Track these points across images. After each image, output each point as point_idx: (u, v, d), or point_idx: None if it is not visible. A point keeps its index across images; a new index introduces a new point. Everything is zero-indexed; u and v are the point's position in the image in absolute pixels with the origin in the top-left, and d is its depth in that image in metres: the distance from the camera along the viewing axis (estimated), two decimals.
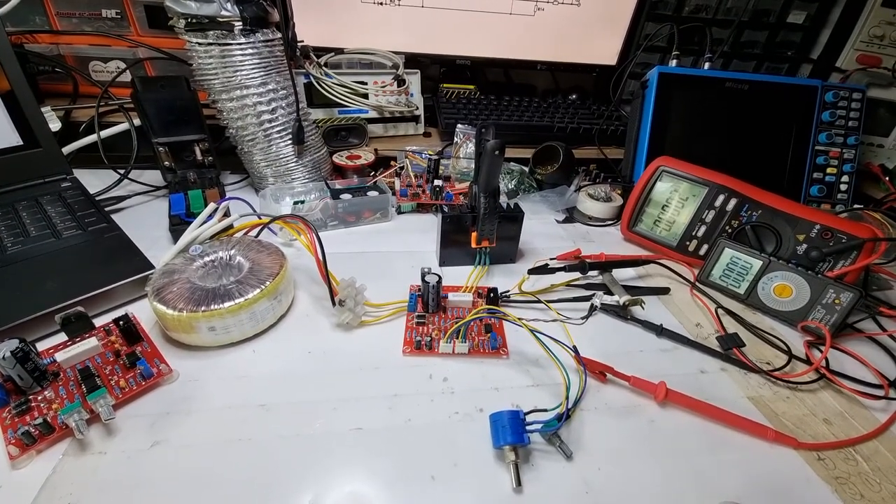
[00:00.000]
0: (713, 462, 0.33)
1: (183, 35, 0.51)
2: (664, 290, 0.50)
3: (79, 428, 0.29)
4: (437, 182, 0.61)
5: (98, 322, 0.38)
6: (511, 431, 0.31)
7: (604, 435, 0.34)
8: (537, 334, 0.36)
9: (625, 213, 0.58)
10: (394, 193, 0.61)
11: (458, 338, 0.39)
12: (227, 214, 0.51)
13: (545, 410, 0.33)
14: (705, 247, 0.54)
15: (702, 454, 0.33)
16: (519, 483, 0.29)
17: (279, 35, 0.55)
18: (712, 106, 0.66)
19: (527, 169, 0.70)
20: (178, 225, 0.50)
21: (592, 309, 0.44)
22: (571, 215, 0.65)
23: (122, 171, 0.61)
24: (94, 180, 0.60)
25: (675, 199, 0.55)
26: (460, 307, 0.44)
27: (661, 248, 0.56)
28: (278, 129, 0.57)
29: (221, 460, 0.30)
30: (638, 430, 0.34)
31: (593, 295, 0.46)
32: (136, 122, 0.61)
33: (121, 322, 0.36)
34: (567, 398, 0.33)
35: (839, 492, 0.31)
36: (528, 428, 0.32)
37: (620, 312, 0.45)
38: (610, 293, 0.47)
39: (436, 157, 0.63)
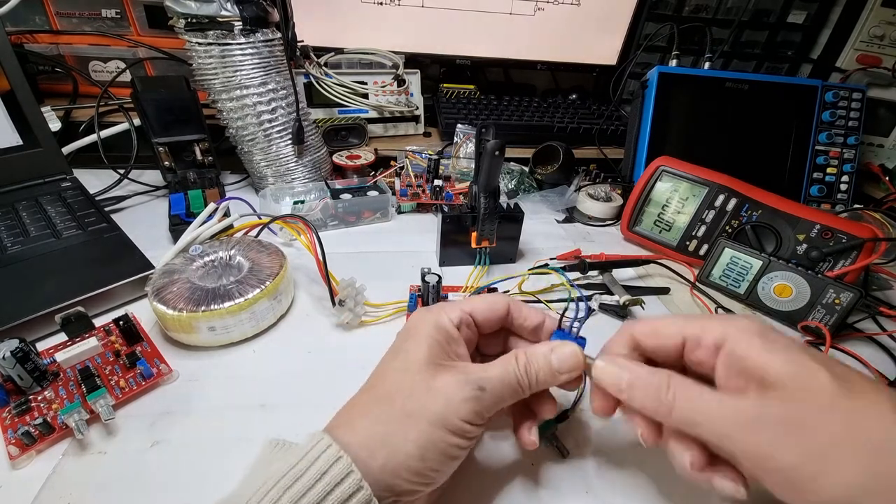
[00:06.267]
0: None
1: (183, 35, 0.51)
2: (664, 290, 0.50)
3: (79, 428, 0.29)
4: (437, 182, 0.61)
5: (98, 322, 0.38)
6: None
7: (603, 435, 0.34)
8: None
9: (625, 213, 0.58)
10: (394, 193, 0.61)
11: None
12: (227, 214, 0.51)
13: None
14: (705, 247, 0.54)
15: None
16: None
17: (279, 35, 0.55)
18: (712, 106, 0.66)
19: (527, 169, 0.70)
20: (178, 225, 0.50)
21: (590, 311, 0.44)
22: (571, 215, 0.65)
23: (122, 171, 0.61)
24: (94, 180, 0.60)
25: (675, 199, 0.55)
26: None
27: (661, 248, 0.56)
28: (278, 129, 0.57)
29: (221, 460, 0.30)
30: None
31: (592, 297, 0.46)
32: (136, 122, 0.61)
33: (121, 322, 0.36)
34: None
35: None
36: None
37: (620, 312, 0.45)
38: (610, 293, 0.47)
39: (436, 157, 0.63)
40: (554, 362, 0.25)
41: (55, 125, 0.57)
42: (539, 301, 0.46)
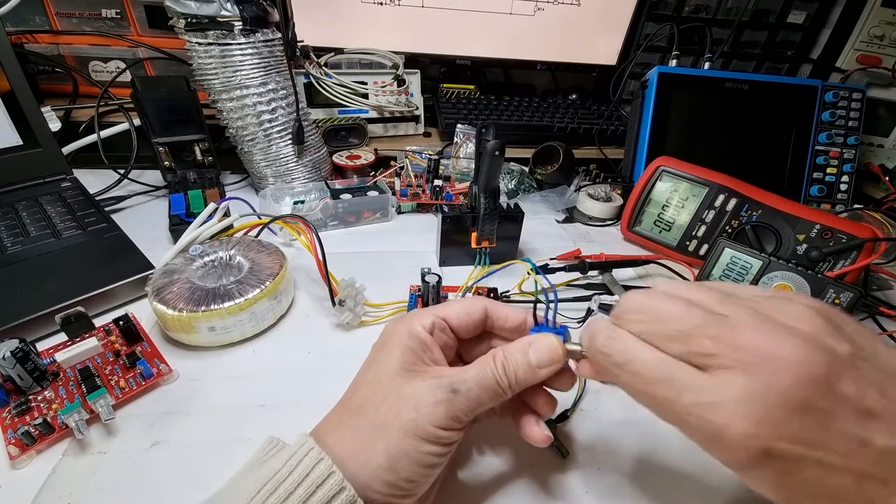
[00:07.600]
0: (714, 462, 0.32)
1: (183, 35, 0.51)
2: None
3: (79, 428, 0.29)
4: (437, 182, 0.61)
5: (98, 322, 0.38)
6: None
7: (603, 435, 0.34)
8: None
9: (625, 213, 0.58)
10: (394, 193, 0.61)
11: None
12: (227, 214, 0.51)
13: None
14: (705, 247, 0.54)
15: (703, 454, 0.33)
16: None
17: (279, 35, 0.55)
18: (712, 106, 0.66)
19: (527, 169, 0.70)
20: (178, 225, 0.50)
21: (589, 312, 0.44)
22: (571, 215, 0.65)
23: (122, 171, 0.60)
24: (94, 180, 0.60)
25: (675, 199, 0.55)
26: None
27: (661, 248, 0.56)
28: (278, 129, 0.57)
29: (222, 460, 0.30)
30: (637, 430, 0.34)
31: (591, 298, 0.46)
32: (136, 122, 0.61)
33: (121, 322, 0.36)
34: None
35: None
36: None
37: None
38: (610, 293, 0.47)
39: (436, 157, 0.63)
40: (532, 358, 0.24)
41: (55, 125, 0.57)
42: (539, 301, 0.46)
